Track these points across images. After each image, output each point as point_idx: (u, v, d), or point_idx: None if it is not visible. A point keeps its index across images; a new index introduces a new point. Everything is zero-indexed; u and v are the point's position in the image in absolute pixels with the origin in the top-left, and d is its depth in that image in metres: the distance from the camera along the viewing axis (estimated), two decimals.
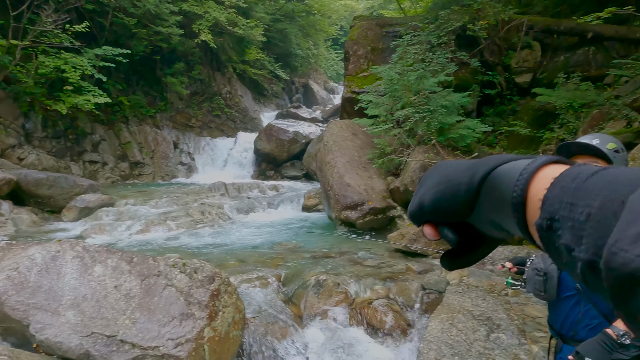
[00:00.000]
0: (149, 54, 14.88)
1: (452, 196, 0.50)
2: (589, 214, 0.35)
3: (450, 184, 0.51)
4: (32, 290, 3.09)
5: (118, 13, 13.13)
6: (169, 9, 13.93)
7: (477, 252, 0.56)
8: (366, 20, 12.38)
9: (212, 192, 10.97)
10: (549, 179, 0.41)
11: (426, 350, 3.25)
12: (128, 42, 13.80)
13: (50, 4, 10.77)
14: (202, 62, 17.05)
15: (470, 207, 0.49)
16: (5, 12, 10.54)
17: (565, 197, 0.38)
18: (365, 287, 4.66)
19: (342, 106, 11.72)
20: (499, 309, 3.49)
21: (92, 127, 13.46)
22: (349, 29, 13.92)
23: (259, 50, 19.26)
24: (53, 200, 8.88)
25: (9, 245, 3.68)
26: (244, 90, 19.56)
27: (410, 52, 8.94)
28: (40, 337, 2.91)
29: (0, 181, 8.20)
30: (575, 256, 0.36)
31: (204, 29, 14.69)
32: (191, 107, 17.09)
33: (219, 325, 3.34)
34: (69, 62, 10.91)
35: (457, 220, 0.53)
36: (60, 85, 11.28)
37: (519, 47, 9.45)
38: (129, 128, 14.62)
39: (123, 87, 14.93)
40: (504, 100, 9.69)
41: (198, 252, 6.32)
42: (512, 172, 0.45)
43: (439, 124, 7.50)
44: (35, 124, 11.87)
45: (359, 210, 7.36)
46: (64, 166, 11.89)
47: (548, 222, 0.39)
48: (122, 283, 3.27)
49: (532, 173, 0.43)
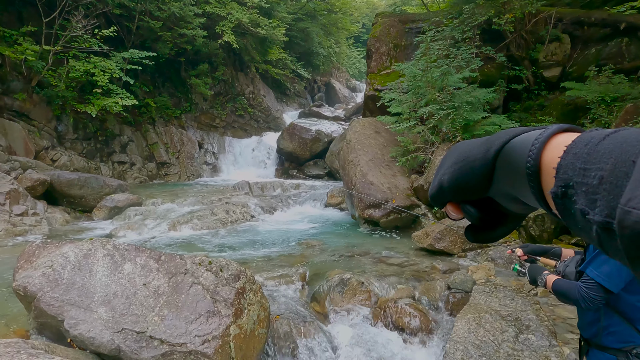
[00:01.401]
0: (174, 56, 15.19)
1: (469, 173, 0.51)
2: (601, 177, 0.36)
3: (466, 161, 0.52)
4: (66, 287, 3.20)
5: (144, 17, 13.44)
6: (192, 11, 14.17)
7: (502, 228, 0.57)
8: (388, 17, 12.27)
9: (237, 191, 11.11)
10: (562, 147, 0.41)
11: (453, 351, 3.20)
12: (154, 45, 14.12)
13: (80, 9, 11.11)
14: (225, 63, 17.29)
15: (487, 183, 0.50)
16: (38, 19, 10.96)
17: (578, 163, 0.38)
18: (389, 286, 4.62)
19: (365, 104, 11.66)
20: (528, 310, 3.41)
21: (120, 129, 13.84)
22: (370, 26, 13.84)
23: (281, 50, 19.37)
24: (84, 200, 9.19)
25: (44, 243, 3.83)
26: (267, 90, 19.72)
27: (434, 48, 8.82)
28: (74, 332, 3.01)
29: (35, 182, 8.53)
30: (590, 219, 0.36)
31: (227, 30, 14.88)
32: (215, 107, 17.35)
33: (244, 323, 3.38)
34: (98, 66, 11.25)
35: (477, 197, 0.54)
36: (90, 89, 11.64)
37: (547, 40, 9.18)
38: (156, 129, 14.97)
39: (149, 89, 15.30)
40: (531, 95, 9.44)
41: (223, 250, 6.41)
42: (524, 143, 0.46)
43: (464, 120, 7.37)
44: (67, 127, 12.30)
45: (383, 208, 7.31)
46: (94, 167, 12.27)
47: (563, 189, 0.39)
48: (150, 281, 3.35)
49: (543, 142, 0.43)
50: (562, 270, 2.22)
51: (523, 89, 9.31)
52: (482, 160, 0.49)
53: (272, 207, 9.54)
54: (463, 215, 0.57)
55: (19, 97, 11.02)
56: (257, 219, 8.78)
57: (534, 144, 0.44)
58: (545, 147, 0.43)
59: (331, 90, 25.85)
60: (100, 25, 11.61)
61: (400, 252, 6.03)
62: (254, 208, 9.22)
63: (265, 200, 9.90)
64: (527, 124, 8.52)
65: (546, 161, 0.42)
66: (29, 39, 10.84)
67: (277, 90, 21.21)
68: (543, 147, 0.43)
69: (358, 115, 16.78)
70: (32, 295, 3.16)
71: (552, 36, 9.15)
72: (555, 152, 0.42)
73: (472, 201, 0.55)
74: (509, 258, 5.32)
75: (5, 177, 8.11)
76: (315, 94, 24.82)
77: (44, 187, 8.72)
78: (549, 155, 0.42)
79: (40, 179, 8.63)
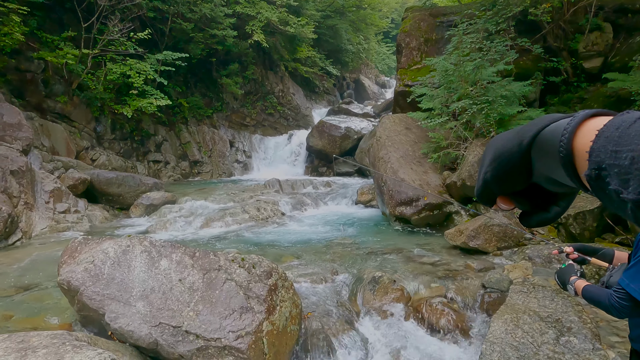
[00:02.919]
0: (206, 57, 15.49)
1: (509, 166, 0.54)
2: (632, 158, 0.37)
3: (503, 156, 0.55)
4: (106, 281, 3.32)
5: (176, 19, 13.77)
6: (223, 12, 14.41)
7: (554, 207, 0.59)
8: (419, 11, 12.05)
9: (267, 188, 11.22)
10: (593, 132, 0.43)
11: (489, 352, 3.11)
12: (186, 46, 14.44)
13: (116, 14, 11.50)
14: (255, 62, 17.49)
15: (527, 172, 0.54)
16: (77, 25, 11.42)
17: (609, 146, 0.40)
18: (422, 284, 4.55)
19: (395, 100, 11.52)
20: (570, 311, 3.27)
21: (155, 129, 14.26)
22: (400, 21, 13.63)
23: (309, 48, 19.41)
24: (122, 198, 9.52)
25: (86, 240, 3.99)
26: (296, 88, 19.81)
27: (466, 41, 8.59)
28: (114, 325, 3.12)
29: (77, 180, 8.91)
30: (624, 198, 0.38)
31: (256, 30, 15.04)
32: (245, 106, 17.59)
33: (277, 320, 3.41)
34: (133, 68, 11.61)
35: (522, 187, 0.57)
36: (126, 90, 12.03)
37: (587, 29, 8.77)
38: (189, 128, 15.33)
39: (182, 89, 15.67)
40: (570, 88, 9.05)
41: (255, 247, 6.49)
42: (555, 132, 0.48)
43: (498, 115, 7.15)
44: (105, 127, 12.78)
45: (414, 206, 7.20)
46: (130, 166, 12.70)
47: (596, 172, 0.41)
48: (185, 276, 3.43)
49: (574, 129, 0.46)
50: (606, 281, 2.06)
51: (561, 82, 8.94)
52: (518, 152, 0.53)
53: (302, 204, 9.58)
54: (514, 205, 0.60)
55: (60, 100, 11.53)
56: (288, 217, 8.84)
57: (563, 134, 0.46)
58: (576, 133, 0.46)
59: (360, 87, 25.69)
60: (135, 29, 11.98)
61: (433, 250, 5.92)
62: (284, 205, 9.29)
63: (296, 198, 9.95)
64: None
65: (579, 147, 0.45)
66: (69, 43, 11.31)
67: (306, 88, 21.26)
68: (574, 133, 0.46)
69: (388, 111, 16.60)
70: (75, 289, 3.29)
71: (592, 25, 8.73)
72: (587, 137, 0.44)
73: (519, 192, 0.58)
74: (547, 257, 5.12)
75: (49, 177, 8.51)
76: (344, 91, 24.73)
77: (85, 186, 9.10)
78: (581, 140, 0.45)
79: (81, 178, 9.01)
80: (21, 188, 7.29)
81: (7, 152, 7.49)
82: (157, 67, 12.39)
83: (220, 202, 9.53)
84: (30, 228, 7.25)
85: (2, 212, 6.48)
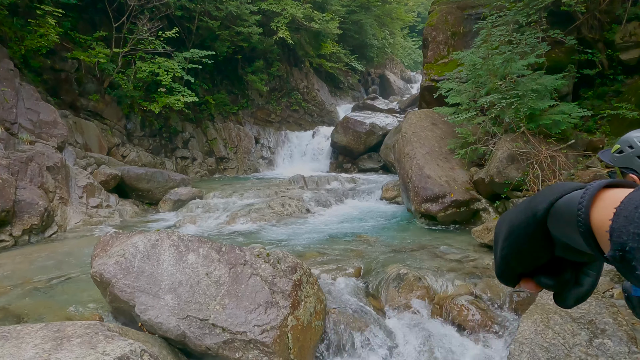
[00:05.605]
0: (231, 54, 15.67)
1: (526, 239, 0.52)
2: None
3: (520, 229, 0.53)
4: (136, 274, 3.42)
5: (203, 17, 13.97)
6: (248, 9, 14.52)
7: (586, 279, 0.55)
8: (445, 3, 11.81)
9: (292, 185, 11.28)
10: (611, 208, 0.42)
11: (518, 352, 3.04)
12: (212, 44, 14.64)
13: (145, 13, 11.77)
14: (280, 58, 17.57)
15: (546, 243, 0.51)
16: (108, 25, 11.75)
17: (631, 228, 0.39)
18: (447, 282, 4.48)
19: (421, 95, 11.35)
20: (604, 312, 3.15)
21: (182, 126, 14.56)
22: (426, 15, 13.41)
23: (334, 44, 19.34)
24: (151, 193, 9.78)
25: (117, 233, 4.12)
26: (321, 84, 19.79)
27: (495, 34, 8.35)
28: (144, 317, 3.22)
29: (108, 176, 9.20)
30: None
31: (281, 26, 15.09)
32: (270, 103, 17.71)
33: (301, 315, 3.43)
34: (162, 66, 11.87)
35: (544, 260, 0.54)
36: (155, 88, 12.32)
37: (624, 19, 8.38)
38: (215, 125, 15.58)
39: (209, 86, 15.92)
40: (605, 81, 8.68)
41: (280, 242, 6.54)
42: (571, 204, 0.47)
43: (529, 109, 6.93)
44: (135, 125, 13.13)
45: (440, 202, 7.09)
46: (159, 162, 13.01)
47: (620, 254, 0.40)
48: (212, 271, 3.49)
49: (589, 203, 0.44)
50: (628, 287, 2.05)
51: (596, 74, 8.58)
52: (534, 223, 0.51)
53: (327, 200, 9.59)
54: (541, 287, 0.56)
55: (93, 98, 11.91)
56: (312, 213, 8.87)
57: (579, 208, 0.45)
58: (592, 208, 0.44)
59: (385, 83, 25.43)
60: (164, 28, 12.23)
61: (459, 247, 5.82)
62: (308, 202, 9.32)
63: (320, 194, 9.96)
64: (600, 112, 7.86)
65: (597, 222, 0.43)
66: (100, 43, 11.66)
67: (331, 84, 21.21)
68: (590, 208, 0.44)
69: (413, 107, 16.38)
70: (107, 281, 3.41)
71: (630, 15, 8.34)
72: (604, 214, 0.43)
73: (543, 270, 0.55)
74: None
75: (83, 172, 8.82)
76: (369, 87, 24.53)
77: (116, 182, 9.39)
78: (599, 217, 0.43)
79: (113, 174, 9.30)
80: (56, 183, 7.58)
81: (43, 148, 7.80)
82: (185, 65, 12.62)
83: (246, 198, 9.65)
84: (65, 222, 7.54)
85: (39, 207, 6.76)
